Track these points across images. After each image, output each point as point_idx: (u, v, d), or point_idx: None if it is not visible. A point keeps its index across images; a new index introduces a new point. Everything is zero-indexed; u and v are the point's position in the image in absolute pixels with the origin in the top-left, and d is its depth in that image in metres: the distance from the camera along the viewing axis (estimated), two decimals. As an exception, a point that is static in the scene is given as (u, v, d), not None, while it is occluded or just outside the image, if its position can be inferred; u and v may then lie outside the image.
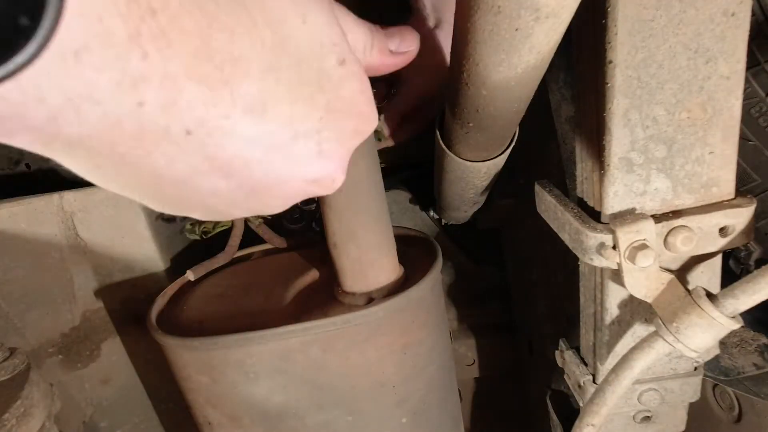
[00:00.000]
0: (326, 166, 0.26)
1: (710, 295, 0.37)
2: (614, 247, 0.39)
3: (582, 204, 0.46)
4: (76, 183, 1.00)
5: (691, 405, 0.52)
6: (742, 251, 0.57)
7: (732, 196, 0.41)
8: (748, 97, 0.52)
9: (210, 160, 0.21)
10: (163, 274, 0.80)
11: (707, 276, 0.43)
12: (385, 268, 0.60)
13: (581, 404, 0.55)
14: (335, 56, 0.23)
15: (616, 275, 0.41)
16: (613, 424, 0.53)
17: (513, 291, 1.08)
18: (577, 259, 0.46)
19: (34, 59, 0.15)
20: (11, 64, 0.15)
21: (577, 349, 0.56)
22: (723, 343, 0.58)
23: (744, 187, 0.55)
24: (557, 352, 0.58)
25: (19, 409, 0.52)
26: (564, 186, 0.65)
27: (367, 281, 0.59)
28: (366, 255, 0.57)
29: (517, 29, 0.29)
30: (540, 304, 0.86)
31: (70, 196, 0.74)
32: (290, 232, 0.82)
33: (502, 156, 0.58)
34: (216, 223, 0.72)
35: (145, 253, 0.78)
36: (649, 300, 0.41)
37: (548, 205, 0.47)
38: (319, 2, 0.22)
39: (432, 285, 0.62)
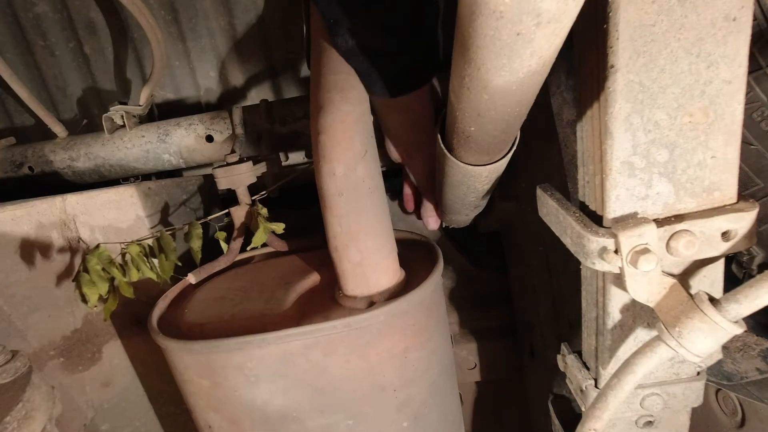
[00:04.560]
0: None
1: (713, 300, 0.37)
2: (616, 251, 0.39)
3: (584, 208, 0.46)
4: (78, 186, 1.01)
5: (694, 410, 0.52)
6: (745, 255, 0.57)
7: (734, 200, 0.40)
8: (750, 102, 0.52)
9: None
10: (165, 277, 0.80)
11: (710, 280, 0.43)
12: (387, 272, 0.60)
13: (583, 409, 0.54)
14: None
15: (618, 279, 0.41)
16: (616, 429, 0.53)
17: (514, 295, 1.07)
18: (578, 263, 0.46)
19: None
20: None
21: (579, 354, 0.55)
22: (726, 348, 0.57)
23: (746, 191, 0.55)
24: (559, 357, 0.58)
25: (20, 412, 0.52)
26: (566, 190, 0.65)
27: (369, 285, 0.59)
28: (367, 258, 0.57)
29: (518, 34, 0.29)
30: (541, 308, 0.86)
31: (72, 199, 0.74)
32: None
33: (504, 160, 0.58)
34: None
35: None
36: (651, 304, 0.41)
37: (550, 208, 0.47)
38: None
39: (433, 289, 0.62)
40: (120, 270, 0.67)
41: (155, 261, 0.69)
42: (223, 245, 0.74)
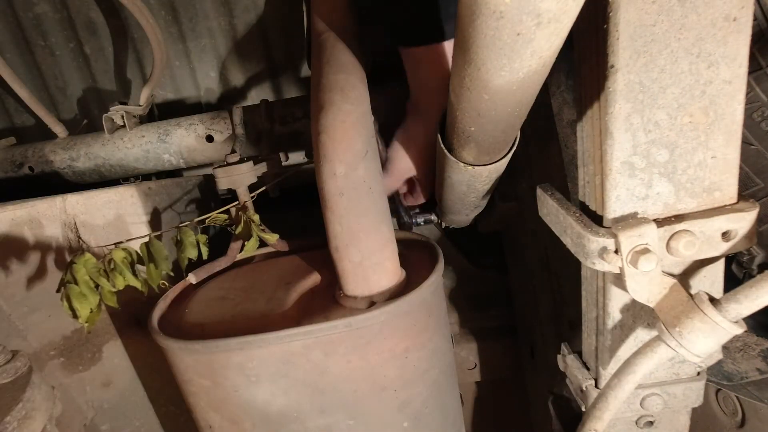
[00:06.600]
0: None
1: (713, 300, 0.37)
2: (616, 252, 0.39)
3: (584, 208, 0.46)
4: (78, 186, 1.01)
5: (694, 410, 0.52)
6: (745, 255, 0.57)
7: (734, 200, 0.41)
8: (750, 102, 0.52)
9: None
10: (165, 277, 0.80)
11: (710, 280, 0.43)
12: (387, 272, 0.60)
13: (583, 409, 0.54)
14: None
15: (619, 279, 0.41)
16: (616, 429, 0.53)
17: (515, 295, 1.07)
18: (578, 263, 0.46)
19: None
20: None
21: (579, 354, 0.55)
22: (726, 348, 0.57)
23: (746, 191, 0.55)
24: (559, 357, 0.58)
25: (20, 412, 0.52)
26: (566, 190, 0.65)
27: (369, 285, 0.59)
28: (368, 258, 0.57)
29: (518, 34, 0.29)
30: (542, 308, 0.86)
31: (72, 199, 0.74)
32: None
33: (504, 160, 0.58)
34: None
35: (147, 256, 0.78)
36: (651, 304, 0.41)
37: (550, 209, 0.47)
38: None
39: (434, 289, 0.62)
40: (105, 277, 0.61)
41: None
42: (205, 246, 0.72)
